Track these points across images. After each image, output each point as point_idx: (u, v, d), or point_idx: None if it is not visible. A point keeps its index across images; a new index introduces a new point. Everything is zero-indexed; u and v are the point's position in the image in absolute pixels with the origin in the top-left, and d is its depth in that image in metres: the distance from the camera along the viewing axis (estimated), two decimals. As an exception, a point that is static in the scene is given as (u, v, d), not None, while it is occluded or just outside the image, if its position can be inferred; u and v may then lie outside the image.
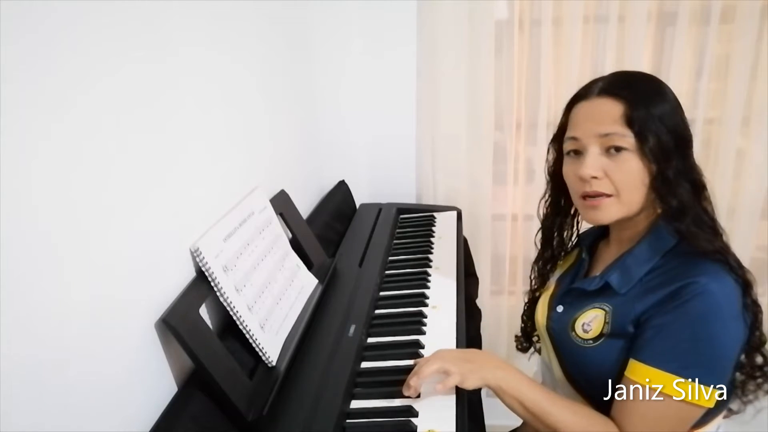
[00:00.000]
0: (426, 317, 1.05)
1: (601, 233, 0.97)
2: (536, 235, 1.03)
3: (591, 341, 0.84)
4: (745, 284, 0.77)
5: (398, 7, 1.57)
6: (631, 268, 0.83)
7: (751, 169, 1.60)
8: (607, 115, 0.81)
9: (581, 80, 1.56)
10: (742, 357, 0.80)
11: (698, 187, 0.82)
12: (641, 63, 1.53)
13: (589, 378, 0.84)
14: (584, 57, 1.58)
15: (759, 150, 1.56)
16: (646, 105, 0.80)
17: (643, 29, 1.51)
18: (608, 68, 1.55)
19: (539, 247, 1.03)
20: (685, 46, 1.52)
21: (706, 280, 0.74)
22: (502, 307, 1.84)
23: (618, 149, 0.80)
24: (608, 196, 0.82)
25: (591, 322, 0.84)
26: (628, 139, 0.80)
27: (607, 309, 0.83)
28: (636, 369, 0.77)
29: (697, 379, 0.73)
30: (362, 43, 1.61)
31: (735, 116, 1.55)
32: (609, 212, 0.83)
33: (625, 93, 0.81)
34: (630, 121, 0.80)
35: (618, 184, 0.81)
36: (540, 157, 1.68)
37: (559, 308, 0.93)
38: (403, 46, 1.61)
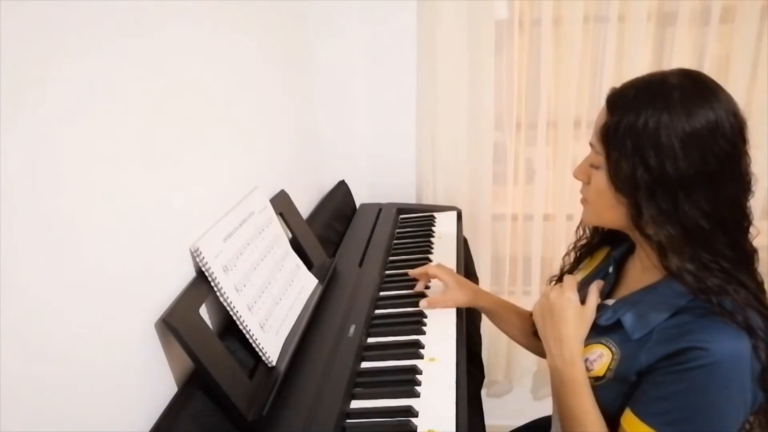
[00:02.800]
0: (426, 317, 1.05)
1: (629, 247, 0.87)
2: (577, 229, 0.95)
3: (592, 380, 0.78)
4: (752, 336, 0.67)
5: (398, 7, 1.57)
6: (648, 312, 0.74)
7: (751, 170, 1.59)
8: (596, 125, 0.76)
9: (581, 80, 1.58)
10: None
11: (695, 234, 0.69)
12: (641, 63, 1.53)
13: None
14: (584, 57, 1.58)
15: (759, 150, 1.55)
16: (622, 117, 0.70)
17: (643, 29, 1.51)
18: (608, 68, 1.55)
19: (577, 237, 0.95)
20: (685, 46, 1.52)
21: (716, 348, 0.66)
22: (502, 307, 1.84)
23: (593, 162, 0.77)
24: (587, 201, 0.82)
25: (595, 360, 0.79)
26: (599, 157, 0.75)
27: (614, 352, 0.77)
28: (630, 420, 0.73)
29: None
30: (362, 43, 1.61)
31: (735, 116, 1.54)
32: (586, 216, 0.84)
33: (616, 101, 0.73)
34: (603, 135, 0.73)
35: (589, 196, 0.80)
36: (540, 157, 1.68)
37: None
38: (403, 45, 1.60)
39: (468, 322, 1.10)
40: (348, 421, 0.81)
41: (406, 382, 0.87)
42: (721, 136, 0.69)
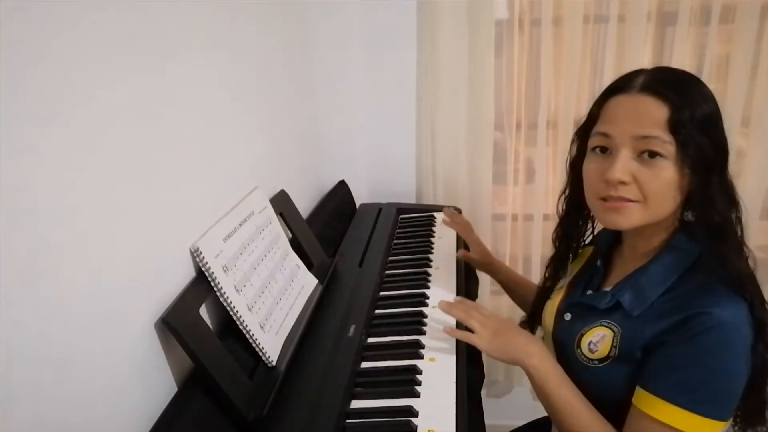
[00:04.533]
0: (426, 317, 1.05)
1: (615, 239, 0.91)
2: (554, 231, 0.99)
3: (596, 362, 0.81)
4: (759, 327, 0.73)
5: (398, 7, 1.57)
6: (645, 288, 0.78)
7: (751, 169, 1.60)
8: (649, 116, 0.74)
9: (581, 80, 1.59)
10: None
11: (734, 203, 0.77)
12: (641, 63, 1.53)
13: (588, 394, 0.81)
14: (584, 57, 1.58)
15: (759, 150, 1.56)
16: (692, 110, 0.73)
17: (643, 29, 1.51)
18: (608, 68, 1.56)
19: (556, 244, 0.99)
20: (685, 46, 1.52)
21: (719, 311, 0.70)
22: (502, 307, 1.84)
23: (653, 155, 0.74)
24: (633, 201, 0.77)
25: (598, 342, 0.81)
26: (668, 147, 0.73)
27: (615, 331, 0.80)
28: (644, 399, 0.74)
29: (706, 414, 0.71)
30: (362, 43, 1.61)
31: (735, 116, 1.54)
32: (631, 218, 0.78)
33: (671, 94, 0.74)
34: (674, 127, 0.73)
35: (647, 192, 0.75)
36: (540, 157, 1.69)
37: (567, 316, 0.90)
38: (403, 46, 1.61)
39: (468, 322, 1.10)
40: (348, 421, 0.81)
41: (406, 382, 0.87)
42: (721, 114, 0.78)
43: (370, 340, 1.01)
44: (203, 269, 0.82)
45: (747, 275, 0.74)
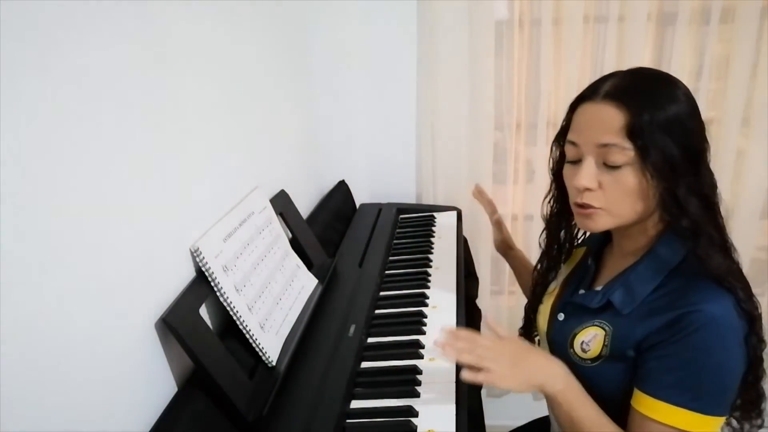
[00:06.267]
0: (426, 317, 1.05)
1: (606, 238, 0.93)
2: (540, 235, 1.00)
3: (589, 361, 0.81)
4: (749, 320, 0.73)
5: (398, 7, 1.57)
6: (635, 287, 0.79)
7: (751, 169, 1.60)
8: (608, 124, 0.75)
9: (581, 80, 1.58)
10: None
11: (710, 202, 0.76)
12: (641, 63, 1.52)
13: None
14: (584, 57, 1.58)
15: (759, 150, 1.56)
16: (652, 114, 0.73)
17: (643, 29, 1.51)
18: (608, 68, 1.55)
19: (543, 247, 1.00)
20: (685, 46, 1.52)
21: (709, 308, 0.71)
22: (502, 307, 1.85)
23: (615, 162, 0.75)
24: (597, 208, 0.79)
25: (590, 341, 0.82)
26: (627, 153, 0.74)
27: (607, 330, 0.80)
28: (643, 401, 0.74)
29: (706, 411, 0.71)
30: (362, 43, 1.61)
31: (735, 116, 1.54)
32: (599, 223, 0.80)
33: (630, 99, 0.74)
34: (632, 133, 0.73)
35: (610, 199, 0.77)
36: (540, 157, 1.68)
37: (561, 316, 0.91)
38: (403, 46, 1.61)
39: (468, 323, 1.10)
40: (348, 421, 0.81)
41: (406, 382, 0.87)
42: (699, 111, 0.78)
43: (370, 340, 1.01)
44: (203, 269, 0.82)
45: (732, 270, 0.74)
